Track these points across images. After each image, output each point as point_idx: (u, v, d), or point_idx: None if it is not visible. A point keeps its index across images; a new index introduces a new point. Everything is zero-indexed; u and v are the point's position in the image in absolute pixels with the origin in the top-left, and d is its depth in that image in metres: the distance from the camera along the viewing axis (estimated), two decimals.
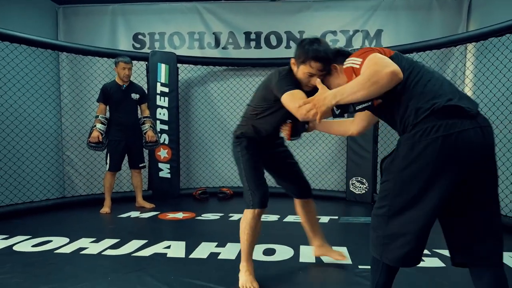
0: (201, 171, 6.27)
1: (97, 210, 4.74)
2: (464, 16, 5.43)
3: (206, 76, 6.19)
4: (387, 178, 1.77)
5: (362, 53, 1.85)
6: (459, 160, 1.60)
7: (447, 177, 1.61)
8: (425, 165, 1.62)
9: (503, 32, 3.95)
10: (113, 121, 4.70)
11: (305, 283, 2.53)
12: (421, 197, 1.65)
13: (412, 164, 1.65)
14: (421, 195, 1.65)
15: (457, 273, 2.71)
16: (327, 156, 6.00)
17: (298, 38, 5.94)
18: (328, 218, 4.39)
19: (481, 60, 4.71)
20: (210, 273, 2.71)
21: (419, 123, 1.64)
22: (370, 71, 1.69)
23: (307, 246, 3.23)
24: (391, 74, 1.64)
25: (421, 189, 1.65)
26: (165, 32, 6.09)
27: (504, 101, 4.23)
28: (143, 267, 2.79)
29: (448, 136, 1.58)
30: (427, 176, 1.63)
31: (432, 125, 1.61)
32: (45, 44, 4.72)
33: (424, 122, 1.63)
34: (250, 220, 2.53)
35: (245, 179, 2.58)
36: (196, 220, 4.38)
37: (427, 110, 1.63)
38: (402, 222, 1.71)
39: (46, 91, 5.27)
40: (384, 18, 5.74)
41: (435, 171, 1.61)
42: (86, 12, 6.00)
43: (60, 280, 2.53)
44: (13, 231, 3.72)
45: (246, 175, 2.57)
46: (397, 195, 1.71)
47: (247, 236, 2.55)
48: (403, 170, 1.68)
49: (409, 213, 1.69)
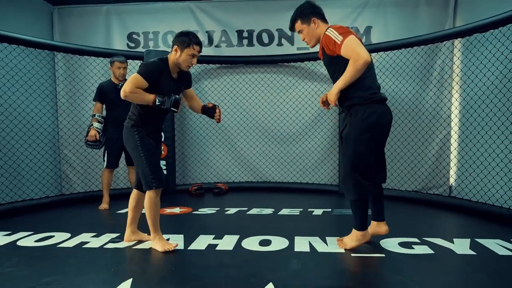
0: (196, 167, 6.38)
1: (95, 206, 4.84)
2: (450, 13, 5.56)
3: (200, 74, 6.29)
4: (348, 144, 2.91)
5: (342, 32, 2.76)
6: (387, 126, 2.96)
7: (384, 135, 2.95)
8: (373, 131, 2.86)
9: (487, 27, 4.09)
10: (110, 119, 4.80)
11: (301, 271, 2.65)
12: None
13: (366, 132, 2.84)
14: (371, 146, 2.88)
15: (445, 259, 2.87)
16: (319, 151, 6.13)
17: (289, 35, 6.06)
18: (321, 211, 4.52)
19: (467, 56, 4.87)
20: (209, 263, 2.82)
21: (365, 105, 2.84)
22: (354, 65, 2.69)
23: (302, 237, 3.37)
24: (365, 64, 2.69)
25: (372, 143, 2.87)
26: (159, 31, 6.17)
27: (489, 95, 4.38)
28: (145, 259, 2.91)
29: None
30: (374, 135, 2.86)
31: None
32: (43, 45, 4.79)
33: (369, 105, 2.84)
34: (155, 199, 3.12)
35: (145, 163, 3.07)
36: (193, 214, 4.49)
37: (370, 98, 2.84)
38: (363, 168, 2.88)
39: (44, 91, 5.37)
40: (372, 15, 5.86)
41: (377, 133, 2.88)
42: (81, 13, 6.07)
43: (65, 272, 2.64)
44: (15, 227, 3.82)
45: (146, 160, 3.07)
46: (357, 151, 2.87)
47: (155, 211, 3.16)
48: (360, 136, 2.83)
49: (367, 159, 2.87)
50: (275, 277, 2.49)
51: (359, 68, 2.69)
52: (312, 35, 3.00)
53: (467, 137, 4.80)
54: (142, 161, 3.05)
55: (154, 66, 3.01)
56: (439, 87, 5.50)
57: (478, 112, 4.59)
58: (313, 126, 6.10)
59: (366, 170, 2.90)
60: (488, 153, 4.42)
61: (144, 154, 3.05)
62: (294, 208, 4.65)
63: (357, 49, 2.68)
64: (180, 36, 3.04)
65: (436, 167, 5.59)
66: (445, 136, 5.52)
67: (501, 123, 4.24)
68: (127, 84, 2.90)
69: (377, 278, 2.48)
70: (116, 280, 2.46)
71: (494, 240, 3.26)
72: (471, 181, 4.68)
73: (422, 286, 2.37)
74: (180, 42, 3.01)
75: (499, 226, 3.81)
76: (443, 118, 5.47)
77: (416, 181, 5.54)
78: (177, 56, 3.04)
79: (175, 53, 3.04)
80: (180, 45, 3.01)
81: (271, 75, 6.20)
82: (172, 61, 3.08)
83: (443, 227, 4.13)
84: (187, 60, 3.04)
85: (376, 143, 2.90)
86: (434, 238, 3.32)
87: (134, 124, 3.10)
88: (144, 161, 3.04)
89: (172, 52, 3.06)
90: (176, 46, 3.03)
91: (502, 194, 4.17)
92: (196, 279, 2.50)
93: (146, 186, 3.07)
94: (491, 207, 4.17)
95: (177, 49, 3.03)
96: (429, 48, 5.31)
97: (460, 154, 5.16)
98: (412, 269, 2.67)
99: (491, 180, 4.35)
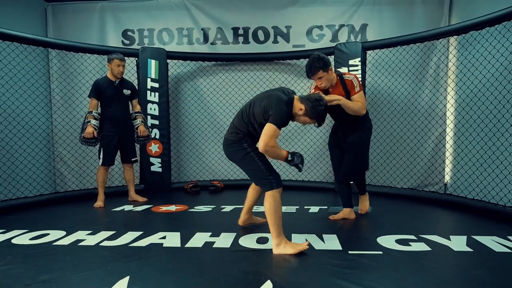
0: (191, 165, 6.36)
1: (90, 204, 4.80)
2: (446, 10, 5.58)
3: (195, 71, 6.27)
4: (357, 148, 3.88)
5: (360, 85, 3.75)
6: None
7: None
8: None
9: (483, 25, 4.10)
10: (106, 117, 4.75)
11: (298, 268, 2.64)
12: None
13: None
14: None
15: (442, 256, 2.87)
16: (315, 149, 6.13)
17: (285, 33, 6.05)
18: (318, 208, 4.52)
19: (463, 53, 4.88)
20: (206, 260, 2.81)
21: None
22: (360, 106, 3.69)
23: (299, 234, 3.37)
24: (359, 112, 3.71)
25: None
26: (154, 28, 6.15)
27: (485, 92, 4.39)
28: (141, 256, 2.88)
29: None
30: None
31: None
32: (36, 42, 4.75)
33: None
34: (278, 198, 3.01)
35: (262, 167, 3.09)
36: (189, 212, 4.48)
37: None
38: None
39: (38, 88, 5.31)
40: (368, 13, 5.87)
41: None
42: (75, 9, 6.03)
43: (61, 269, 2.61)
44: (9, 225, 3.77)
45: (262, 164, 3.10)
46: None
47: (280, 213, 2.99)
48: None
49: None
50: (273, 275, 2.48)
51: (357, 111, 3.69)
52: (329, 80, 3.70)
53: (463, 134, 4.81)
54: (257, 164, 3.10)
55: (285, 114, 2.96)
56: (434, 85, 5.52)
57: (474, 110, 4.60)
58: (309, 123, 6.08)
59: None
60: (484, 150, 4.44)
61: (258, 158, 3.11)
62: (290, 205, 4.64)
63: (364, 103, 3.74)
64: (318, 106, 3.02)
65: (432, 165, 5.62)
66: (441, 133, 5.54)
67: (496, 121, 4.25)
68: (268, 138, 2.90)
69: (374, 275, 2.48)
70: (113, 278, 2.43)
71: (490, 237, 3.27)
72: (466, 178, 4.70)
73: (419, 283, 2.37)
74: (313, 112, 3.02)
75: (495, 223, 3.83)
76: (439, 116, 5.49)
77: (412, 178, 5.56)
78: (298, 114, 3.05)
79: (299, 111, 3.02)
80: (309, 113, 3.03)
81: (266, 72, 6.19)
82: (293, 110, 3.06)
83: (439, 224, 4.14)
84: (301, 122, 3.15)
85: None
86: (431, 235, 3.32)
87: (242, 137, 3.16)
88: (260, 163, 3.10)
89: (298, 105, 3.02)
90: (305, 107, 3.01)
91: (498, 191, 4.18)
92: (193, 277, 2.49)
93: (267, 187, 3.04)
94: (486, 204, 4.18)
95: (302, 110, 3.02)
96: (424, 45, 5.32)
97: (455, 152, 5.18)
98: (409, 266, 2.67)
99: (487, 177, 4.37)
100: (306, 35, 6.06)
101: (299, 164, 3.14)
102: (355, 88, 3.71)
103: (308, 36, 6.06)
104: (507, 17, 3.81)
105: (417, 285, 2.34)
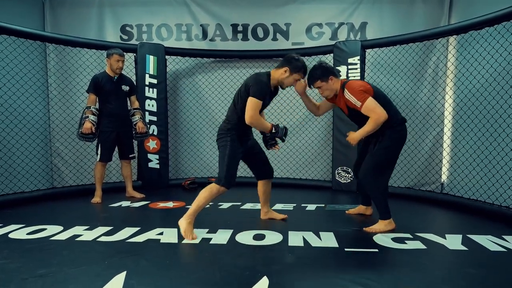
0: (189, 161, 6.35)
1: (87, 200, 4.79)
2: (446, 10, 5.58)
3: (194, 67, 6.26)
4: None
5: (359, 99, 3.35)
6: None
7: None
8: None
9: (483, 25, 4.11)
10: (105, 112, 4.73)
11: (294, 265, 2.65)
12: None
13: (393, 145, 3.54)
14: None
15: (437, 254, 2.89)
16: (313, 147, 6.13)
17: (284, 30, 6.05)
18: (315, 206, 4.53)
19: (462, 53, 4.88)
20: (203, 257, 2.82)
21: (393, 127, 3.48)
22: (375, 119, 3.31)
23: (296, 232, 3.38)
24: (384, 119, 3.31)
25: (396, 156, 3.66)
26: (152, 24, 6.12)
27: (483, 92, 4.40)
28: (138, 252, 2.89)
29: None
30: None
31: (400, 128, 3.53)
32: (34, 36, 4.74)
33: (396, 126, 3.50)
34: (215, 193, 3.32)
35: (226, 162, 3.32)
36: (186, 208, 4.39)
37: (397, 121, 3.50)
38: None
39: (35, 83, 5.29)
40: (368, 11, 5.87)
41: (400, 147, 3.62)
42: (73, 4, 5.99)
43: (58, 264, 2.61)
44: (6, 220, 3.77)
45: (228, 161, 3.33)
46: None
47: (205, 204, 3.36)
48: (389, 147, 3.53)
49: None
50: (270, 271, 2.49)
51: (379, 123, 3.34)
52: (330, 89, 3.57)
53: (460, 134, 4.82)
54: (225, 158, 3.33)
55: (264, 85, 3.26)
56: (433, 84, 5.53)
57: (471, 110, 4.61)
58: (307, 122, 6.10)
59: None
60: (481, 150, 4.46)
61: (230, 154, 3.34)
62: (287, 203, 4.65)
63: (376, 110, 3.32)
64: (296, 61, 3.36)
65: (429, 164, 5.63)
66: (438, 133, 5.55)
67: (494, 121, 4.26)
68: (250, 110, 3.19)
69: (371, 273, 2.49)
70: (110, 273, 2.43)
71: (485, 236, 3.29)
72: (463, 178, 4.71)
73: (415, 281, 2.38)
74: (294, 66, 3.33)
75: (490, 222, 3.84)
76: (437, 115, 5.50)
77: (409, 177, 5.57)
78: (284, 77, 3.35)
79: (284, 73, 3.34)
80: (292, 69, 3.33)
81: (265, 69, 6.14)
82: (275, 79, 3.39)
83: (436, 223, 4.17)
84: (290, 83, 3.42)
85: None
86: (427, 234, 3.34)
87: (230, 128, 3.39)
88: (227, 159, 3.32)
89: (280, 71, 3.34)
90: (287, 68, 3.33)
91: (493, 191, 4.20)
92: (190, 273, 2.49)
93: (217, 180, 3.32)
94: (482, 203, 4.21)
95: (287, 71, 3.33)
96: (424, 45, 5.33)
97: (452, 151, 5.19)
98: (405, 264, 2.69)
99: (483, 177, 4.39)
100: (306, 33, 6.06)
101: (282, 136, 3.42)
102: (357, 104, 3.38)
103: (307, 34, 6.05)
104: (506, 18, 3.82)
105: (413, 283, 2.35)
